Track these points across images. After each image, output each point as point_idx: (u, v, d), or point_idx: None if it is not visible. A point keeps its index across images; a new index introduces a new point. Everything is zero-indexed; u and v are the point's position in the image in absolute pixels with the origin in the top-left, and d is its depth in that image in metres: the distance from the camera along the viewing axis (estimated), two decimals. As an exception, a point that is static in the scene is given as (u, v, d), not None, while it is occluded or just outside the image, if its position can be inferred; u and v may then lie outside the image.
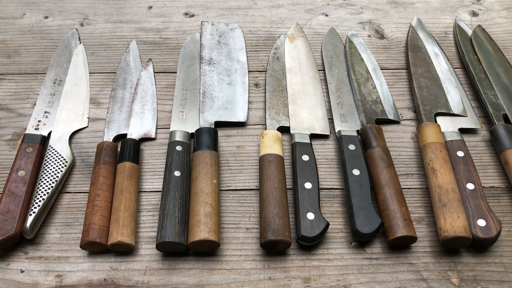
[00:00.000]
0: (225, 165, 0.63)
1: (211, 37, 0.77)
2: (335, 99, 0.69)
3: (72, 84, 0.70)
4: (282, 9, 0.84)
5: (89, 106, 0.70)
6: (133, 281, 0.53)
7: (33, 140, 0.62)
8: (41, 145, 0.62)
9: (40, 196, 0.56)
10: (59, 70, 0.72)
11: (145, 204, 0.60)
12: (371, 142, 0.61)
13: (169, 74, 0.74)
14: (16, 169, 0.58)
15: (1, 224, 0.53)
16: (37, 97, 0.70)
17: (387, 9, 0.84)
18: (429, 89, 0.68)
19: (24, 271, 0.54)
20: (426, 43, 0.75)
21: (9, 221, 0.54)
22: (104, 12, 0.83)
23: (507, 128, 0.62)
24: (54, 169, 0.59)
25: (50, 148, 0.61)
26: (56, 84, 0.69)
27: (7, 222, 0.53)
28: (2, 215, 0.54)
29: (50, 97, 0.68)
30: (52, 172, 0.59)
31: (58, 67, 0.72)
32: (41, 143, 0.62)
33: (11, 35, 0.80)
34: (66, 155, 0.61)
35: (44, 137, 0.63)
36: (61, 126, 0.65)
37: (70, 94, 0.69)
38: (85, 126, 0.67)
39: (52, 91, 0.68)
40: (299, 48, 0.76)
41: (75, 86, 0.69)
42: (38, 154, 0.61)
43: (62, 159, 0.60)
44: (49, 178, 0.58)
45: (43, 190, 0.57)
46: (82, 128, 0.67)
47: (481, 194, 0.55)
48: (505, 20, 0.82)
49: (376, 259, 0.54)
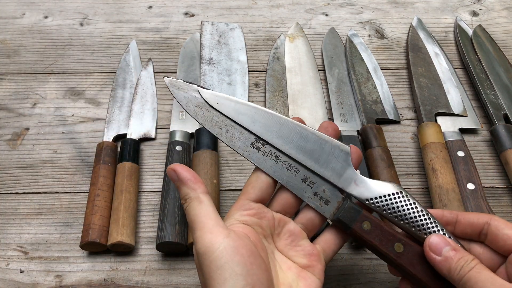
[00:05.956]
0: (225, 165, 0.63)
1: (211, 37, 0.77)
2: (335, 99, 0.69)
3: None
4: (282, 9, 0.84)
5: (89, 106, 0.70)
6: (133, 281, 0.53)
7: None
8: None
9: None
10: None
11: (145, 204, 0.60)
12: (371, 142, 0.61)
13: (169, 74, 0.74)
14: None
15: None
16: (37, 97, 0.70)
17: (387, 9, 0.84)
18: (430, 89, 0.68)
19: (24, 271, 0.54)
20: (427, 43, 0.75)
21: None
22: (104, 12, 0.83)
23: (507, 128, 0.62)
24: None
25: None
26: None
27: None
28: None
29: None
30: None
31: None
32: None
33: (11, 35, 0.80)
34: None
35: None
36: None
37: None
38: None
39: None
40: (299, 48, 0.76)
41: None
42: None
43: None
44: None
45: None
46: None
47: (481, 194, 0.55)
48: (505, 20, 0.82)
49: (376, 259, 0.54)
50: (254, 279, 0.36)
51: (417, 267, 0.40)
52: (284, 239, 0.43)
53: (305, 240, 0.44)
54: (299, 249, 0.43)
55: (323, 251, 0.43)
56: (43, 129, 0.67)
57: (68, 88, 0.72)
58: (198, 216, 0.40)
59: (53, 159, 0.64)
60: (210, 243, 0.37)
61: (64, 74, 0.74)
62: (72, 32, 0.80)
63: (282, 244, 0.43)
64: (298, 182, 0.43)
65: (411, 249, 0.40)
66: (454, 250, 0.38)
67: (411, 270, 0.40)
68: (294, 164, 0.43)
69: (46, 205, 0.60)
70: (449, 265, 0.37)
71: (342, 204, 0.43)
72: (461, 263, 0.37)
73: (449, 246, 0.38)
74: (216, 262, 0.37)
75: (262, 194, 0.43)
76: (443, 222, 0.42)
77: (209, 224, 0.39)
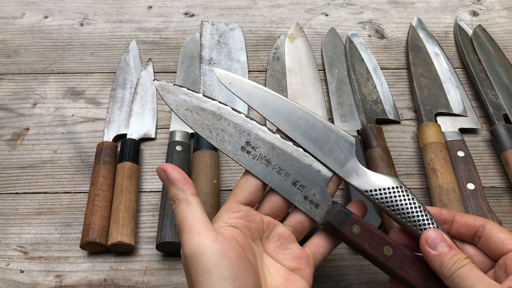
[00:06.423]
0: (225, 165, 0.63)
1: (211, 37, 0.77)
2: (335, 99, 0.69)
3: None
4: (282, 9, 0.84)
5: (89, 106, 0.70)
6: (133, 281, 0.53)
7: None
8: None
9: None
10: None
11: (145, 204, 0.60)
12: (371, 142, 0.61)
13: (169, 74, 0.74)
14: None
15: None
16: (37, 97, 0.70)
17: (387, 9, 0.84)
18: (430, 89, 0.68)
19: (24, 271, 0.54)
20: (427, 43, 0.75)
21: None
22: (104, 12, 0.83)
23: (507, 128, 0.62)
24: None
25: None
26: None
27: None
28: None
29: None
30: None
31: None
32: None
33: (11, 35, 0.80)
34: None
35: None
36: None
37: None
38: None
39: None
40: (299, 48, 0.76)
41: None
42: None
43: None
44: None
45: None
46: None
47: (481, 194, 0.55)
48: (505, 20, 0.82)
49: (377, 259, 0.54)
50: (242, 283, 0.36)
51: (406, 270, 0.40)
52: (273, 242, 0.43)
53: (294, 243, 0.44)
54: (288, 252, 0.43)
55: (312, 255, 0.43)
56: (43, 129, 0.67)
57: (68, 88, 0.72)
58: (186, 218, 0.39)
59: (53, 159, 0.64)
60: (197, 246, 0.37)
61: (64, 74, 0.74)
62: (72, 32, 0.80)
63: (271, 247, 0.43)
64: (288, 186, 0.43)
65: (400, 252, 0.41)
66: (449, 247, 0.39)
67: (400, 273, 0.40)
68: (284, 167, 0.43)
69: (46, 205, 0.60)
70: (442, 261, 0.38)
71: (332, 207, 0.43)
72: (453, 260, 0.37)
73: (445, 242, 0.39)
74: (204, 265, 0.36)
75: (251, 197, 0.43)
76: (440, 220, 0.42)
77: (197, 226, 0.39)
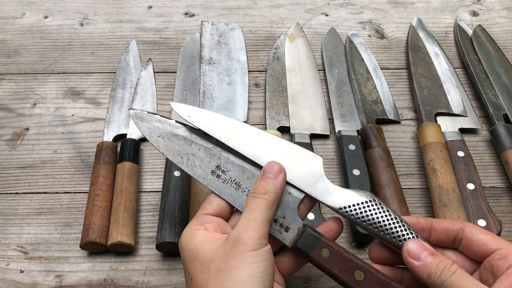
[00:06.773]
0: (225, 165, 0.63)
1: (211, 37, 0.77)
2: (335, 99, 0.69)
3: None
4: (282, 9, 0.84)
5: (89, 106, 0.70)
6: (133, 281, 0.53)
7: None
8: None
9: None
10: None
11: (145, 204, 0.60)
12: (371, 142, 0.61)
13: (169, 74, 0.74)
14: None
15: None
16: (37, 97, 0.70)
17: (387, 9, 0.84)
18: (430, 89, 0.68)
19: (24, 271, 0.54)
20: (427, 43, 0.75)
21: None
22: (104, 12, 0.83)
23: (507, 128, 0.62)
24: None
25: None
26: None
27: None
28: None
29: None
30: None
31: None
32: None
33: (11, 35, 0.80)
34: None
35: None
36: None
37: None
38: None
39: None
40: (299, 48, 0.76)
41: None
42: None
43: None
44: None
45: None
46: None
47: (481, 194, 0.55)
48: (505, 20, 0.82)
49: (376, 259, 0.54)
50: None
51: None
52: None
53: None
54: None
55: (280, 270, 0.44)
56: (43, 129, 0.67)
57: (68, 88, 0.72)
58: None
59: (53, 159, 0.64)
60: (259, 239, 0.38)
61: (64, 74, 0.74)
62: (72, 32, 0.80)
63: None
64: None
65: (372, 277, 0.39)
66: (432, 255, 0.38)
67: None
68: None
69: (46, 205, 0.60)
70: (429, 270, 0.37)
71: (302, 230, 0.42)
72: (441, 267, 0.37)
73: (427, 251, 0.38)
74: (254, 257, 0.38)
75: (220, 212, 0.43)
76: (418, 229, 0.41)
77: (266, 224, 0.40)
